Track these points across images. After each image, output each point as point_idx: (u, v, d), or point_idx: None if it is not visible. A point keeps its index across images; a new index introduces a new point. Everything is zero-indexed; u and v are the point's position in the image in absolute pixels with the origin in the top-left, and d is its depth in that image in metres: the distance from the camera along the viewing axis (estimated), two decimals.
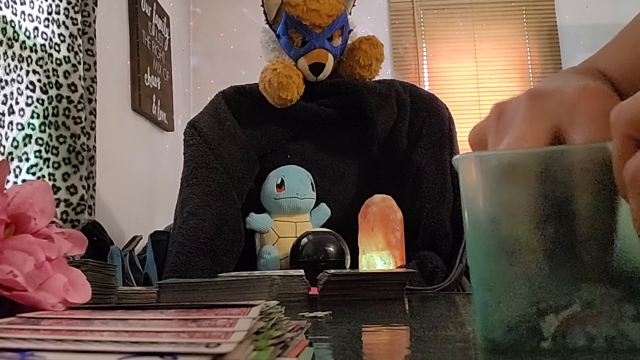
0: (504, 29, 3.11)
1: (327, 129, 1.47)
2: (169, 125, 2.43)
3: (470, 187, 0.33)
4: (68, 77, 1.44)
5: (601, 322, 0.29)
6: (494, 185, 0.32)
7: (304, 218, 1.38)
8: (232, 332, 0.23)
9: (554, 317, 0.30)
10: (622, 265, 0.29)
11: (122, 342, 0.22)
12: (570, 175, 0.30)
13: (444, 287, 1.10)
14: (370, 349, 0.37)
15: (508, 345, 0.31)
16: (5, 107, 1.27)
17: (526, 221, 0.30)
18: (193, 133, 1.41)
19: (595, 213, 0.29)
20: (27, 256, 0.39)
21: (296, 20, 1.39)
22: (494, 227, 0.31)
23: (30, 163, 1.33)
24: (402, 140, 1.41)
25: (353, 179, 1.45)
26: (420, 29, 3.12)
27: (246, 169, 1.40)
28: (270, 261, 1.31)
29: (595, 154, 0.29)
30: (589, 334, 0.29)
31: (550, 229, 0.30)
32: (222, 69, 3.02)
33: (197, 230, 1.27)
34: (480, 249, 0.32)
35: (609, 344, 0.29)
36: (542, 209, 0.30)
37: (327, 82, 1.45)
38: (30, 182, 0.44)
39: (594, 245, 0.29)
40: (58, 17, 1.44)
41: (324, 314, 0.57)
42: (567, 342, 0.29)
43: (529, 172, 0.31)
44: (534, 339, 0.30)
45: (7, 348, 0.21)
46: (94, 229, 1.33)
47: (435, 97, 1.48)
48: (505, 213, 0.31)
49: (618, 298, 0.29)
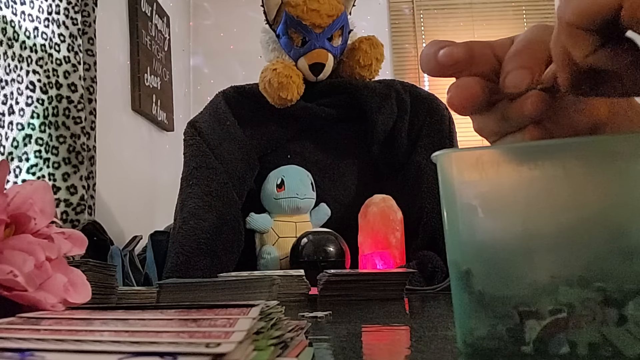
0: (504, 29, 3.11)
1: (327, 129, 1.47)
2: (169, 125, 2.44)
3: (447, 183, 0.32)
4: (68, 77, 1.44)
5: (583, 328, 0.28)
6: (471, 180, 0.31)
7: (304, 218, 1.38)
8: (232, 332, 0.23)
9: (536, 322, 0.29)
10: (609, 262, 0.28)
11: (122, 342, 0.22)
12: (550, 170, 0.29)
13: (444, 287, 1.10)
14: (370, 349, 0.37)
15: (488, 350, 0.30)
16: (5, 107, 1.27)
17: (504, 218, 0.30)
18: (193, 133, 1.41)
19: (576, 207, 0.29)
20: (27, 256, 0.39)
21: (296, 20, 1.39)
22: (472, 226, 0.31)
23: (30, 163, 1.33)
24: (402, 140, 1.41)
25: (353, 179, 1.45)
26: (420, 29, 3.12)
27: (246, 169, 1.40)
28: (270, 261, 1.31)
29: (571, 149, 0.29)
30: (571, 340, 0.28)
31: (530, 226, 0.29)
32: (222, 69, 3.02)
33: (197, 230, 1.27)
34: (458, 249, 0.32)
35: (591, 350, 0.28)
36: (520, 205, 0.30)
37: (327, 82, 1.45)
38: (30, 182, 0.44)
39: (576, 241, 0.29)
40: (58, 17, 1.44)
41: (324, 314, 0.57)
42: (549, 348, 0.28)
43: (507, 167, 0.30)
44: (514, 344, 0.29)
45: (7, 348, 0.21)
46: (94, 229, 1.33)
47: (435, 97, 1.48)
48: (483, 209, 0.31)
49: (601, 302, 0.28)
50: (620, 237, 0.28)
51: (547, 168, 0.30)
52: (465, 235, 0.31)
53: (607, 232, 0.28)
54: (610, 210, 0.28)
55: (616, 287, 0.28)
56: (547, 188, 0.29)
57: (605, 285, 0.28)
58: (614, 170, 0.29)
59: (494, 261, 0.30)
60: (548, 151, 0.30)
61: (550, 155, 0.30)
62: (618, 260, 0.28)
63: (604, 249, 0.28)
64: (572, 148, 0.30)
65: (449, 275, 0.33)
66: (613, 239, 0.28)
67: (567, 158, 0.29)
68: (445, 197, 0.33)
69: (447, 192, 0.32)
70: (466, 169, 0.32)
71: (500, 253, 0.30)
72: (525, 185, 0.30)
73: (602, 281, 0.28)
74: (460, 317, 0.31)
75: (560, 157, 0.29)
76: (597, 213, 0.29)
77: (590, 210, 0.29)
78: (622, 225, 0.28)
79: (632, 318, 0.27)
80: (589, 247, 0.29)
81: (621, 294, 0.28)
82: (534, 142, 0.32)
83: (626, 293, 0.27)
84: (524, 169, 0.30)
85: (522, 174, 0.30)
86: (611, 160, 0.29)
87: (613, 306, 0.28)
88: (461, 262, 0.31)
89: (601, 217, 0.29)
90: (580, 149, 0.30)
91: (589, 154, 0.29)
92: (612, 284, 0.28)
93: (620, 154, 0.28)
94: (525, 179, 0.30)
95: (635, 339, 0.27)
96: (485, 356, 0.30)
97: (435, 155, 0.33)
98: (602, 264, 0.28)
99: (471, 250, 0.31)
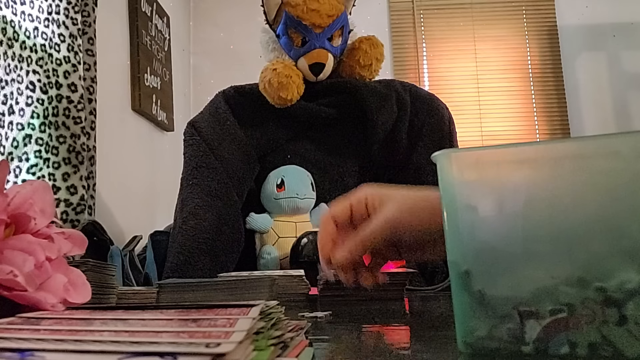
0: (504, 29, 3.11)
1: (327, 129, 1.47)
2: (169, 125, 2.43)
3: (447, 183, 0.32)
4: (68, 77, 1.44)
5: (583, 328, 0.28)
6: (471, 180, 0.31)
7: (304, 218, 1.38)
8: (232, 332, 0.23)
9: (536, 322, 0.29)
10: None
11: (122, 342, 0.22)
12: (550, 170, 0.29)
13: (443, 287, 1.10)
14: (370, 349, 0.37)
15: (488, 350, 0.30)
16: (5, 107, 1.27)
17: (504, 219, 0.30)
18: (193, 133, 1.41)
19: (576, 207, 0.29)
20: (27, 256, 0.39)
21: (296, 20, 1.39)
22: (472, 226, 0.31)
23: (30, 163, 1.33)
24: (402, 140, 1.41)
25: (353, 179, 1.45)
26: (420, 29, 3.12)
27: (246, 169, 1.39)
28: (270, 261, 1.31)
29: (571, 149, 0.29)
30: (571, 340, 0.28)
31: (530, 226, 0.29)
32: (222, 69, 3.02)
33: (197, 230, 1.27)
34: (458, 249, 0.32)
35: (591, 350, 0.28)
36: (520, 205, 0.29)
37: (327, 82, 1.45)
38: (30, 182, 0.44)
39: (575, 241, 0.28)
40: (58, 17, 1.44)
41: (324, 314, 0.57)
42: (549, 348, 0.28)
43: (507, 167, 0.30)
44: (514, 344, 0.29)
45: (7, 348, 0.21)
46: (94, 229, 1.33)
47: (435, 97, 1.48)
48: (483, 209, 0.31)
49: (601, 302, 0.28)
50: (620, 237, 0.28)
51: (547, 168, 0.30)
52: (465, 236, 0.31)
53: (607, 232, 0.28)
54: (610, 210, 0.28)
55: (616, 287, 0.28)
56: (547, 188, 0.29)
57: (605, 285, 0.28)
58: (614, 170, 0.29)
59: (494, 261, 0.30)
60: (548, 151, 0.30)
61: (550, 155, 0.30)
62: (618, 260, 0.28)
63: (604, 249, 0.28)
64: (572, 148, 0.30)
65: (449, 275, 0.33)
66: (613, 239, 0.28)
67: (567, 158, 0.29)
68: (445, 197, 0.32)
69: (447, 192, 0.32)
70: (466, 169, 0.32)
71: (500, 253, 0.30)
72: (525, 185, 0.30)
73: (602, 281, 0.28)
74: (460, 317, 0.31)
75: (560, 158, 0.29)
76: (597, 213, 0.29)
77: (590, 210, 0.29)
78: (622, 225, 0.28)
79: (632, 318, 0.27)
80: (589, 247, 0.29)
81: (621, 294, 0.28)
82: (534, 142, 0.32)
83: (626, 293, 0.27)
84: (524, 169, 0.30)
85: (522, 174, 0.30)
86: (611, 160, 0.29)
87: (613, 306, 0.28)
88: (461, 262, 0.31)
89: (601, 217, 0.29)
90: (580, 149, 0.30)
91: (588, 154, 0.29)
92: (612, 284, 0.28)
93: (620, 154, 0.28)
94: (525, 179, 0.30)
95: (635, 339, 0.27)
96: (485, 356, 0.30)
97: (435, 155, 0.33)
98: (602, 264, 0.28)
99: (471, 251, 0.31)
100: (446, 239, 0.33)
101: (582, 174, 0.29)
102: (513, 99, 3.07)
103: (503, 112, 3.06)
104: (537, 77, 3.07)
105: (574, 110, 3.04)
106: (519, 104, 3.07)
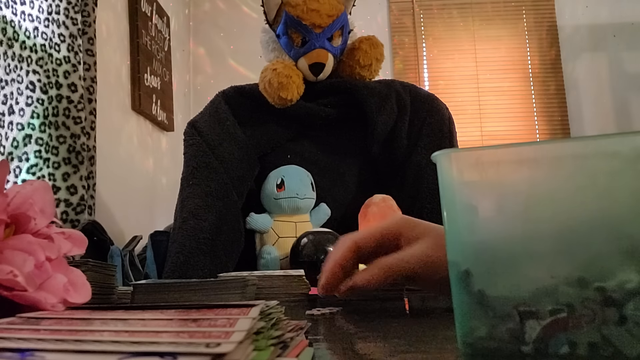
0: (504, 29, 3.11)
1: (327, 129, 1.47)
2: (169, 125, 2.44)
3: (447, 183, 0.32)
4: (68, 77, 1.44)
5: (583, 328, 0.28)
6: (471, 180, 0.31)
7: (304, 218, 1.38)
8: (232, 332, 0.23)
9: (536, 322, 0.28)
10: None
11: (122, 342, 0.22)
12: (550, 170, 0.29)
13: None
14: (370, 349, 0.37)
15: (488, 350, 0.30)
16: (5, 107, 1.27)
17: (504, 219, 0.30)
18: (193, 133, 1.41)
19: (576, 207, 0.29)
20: (27, 256, 0.39)
21: (296, 20, 1.39)
22: (472, 226, 0.31)
23: (30, 163, 1.33)
24: (402, 140, 1.41)
25: (353, 179, 1.45)
26: (420, 29, 3.12)
27: (246, 169, 1.39)
28: (270, 261, 1.31)
29: (571, 149, 0.29)
30: (571, 340, 0.28)
31: (529, 226, 0.29)
32: (222, 69, 3.02)
33: (197, 230, 1.27)
34: (458, 249, 0.32)
35: (591, 350, 0.28)
36: (520, 205, 0.29)
37: (327, 82, 1.45)
38: (30, 182, 0.44)
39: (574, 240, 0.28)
40: (58, 17, 1.44)
41: (336, 309, 0.59)
42: (549, 348, 0.28)
43: (507, 167, 0.30)
44: (514, 344, 0.29)
45: (7, 348, 0.21)
46: (94, 229, 1.33)
47: (435, 97, 1.48)
48: (483, 209, 0.31)
49: (601, 302, 0.28)
50: (620, 237, 0.28)
51: (547, 168, 0.30)
52: (465, 235, 0.31)
53: (607, 232, 0.28)
54: (610, 210, 0.28)
55: (616, 287, 0.28)
56: (547, 188, 0.29)
57: (605, 285, 0.28)
58: (613, 170, 0.29)
59: (494, 261, 0.30)
60: (548, 151, 0.30)
61: (550, 155, 0.30)
62: (618, 260, 0.28)
63: (604, 249, 0.28)
64: (572, 148, 0.30)
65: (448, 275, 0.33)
66: (613, 239, 0.28)
67: (567, 158, 0.29)
68: (445, 197, 0.32)
69: (447, 192, 0.32)
70: (466, 169, 0.31)
71: (500, 253, 0.30)
72: (525, 185, 0.30)
73: (602, 281, 0.28)
74: (460, 317, 0.31)
75: (560, 158, 0.29)
76: (597, 213, 0.29)
77: (590, 210, 0.29)
78: (622, 225, 0.28)
79: (632, 318, 0.27)
80: (589, 247, 0.29)
81: (621, 294, 0.28)
82: (534, 142, 0.32)
83: (626, 293, 0.27)
84: (524, 169, 0.30)
85: (522, 174, 0.30)
86: (611, 160, 0.29)
87: (613, 306, 0.28)
88: (461, 262, 0.31)
89: (601, 217, 0.29)
90: (580, 149, 0.30)
91: (588, 154, 0.29)
92: (612, 284, 0.28)
93: (620, 154, 0.28)
94: (525, 179, 0.30)
95: (635, 339, 0.27)
96: (485, 356, 0.30)
97: (435, 155, 0.32)
98: (602, 264, 0.28)
99: (471, 250, 0.31)
100: (446, 239, 0.33)
101: (582, 174, 0.29)
102: (513, 99, 3.07)
103: (503, 112, 3.06)
104: (537, 77, 3.07)
105: (574, 110, 3.04)
106: (519, 104, 3.07)
